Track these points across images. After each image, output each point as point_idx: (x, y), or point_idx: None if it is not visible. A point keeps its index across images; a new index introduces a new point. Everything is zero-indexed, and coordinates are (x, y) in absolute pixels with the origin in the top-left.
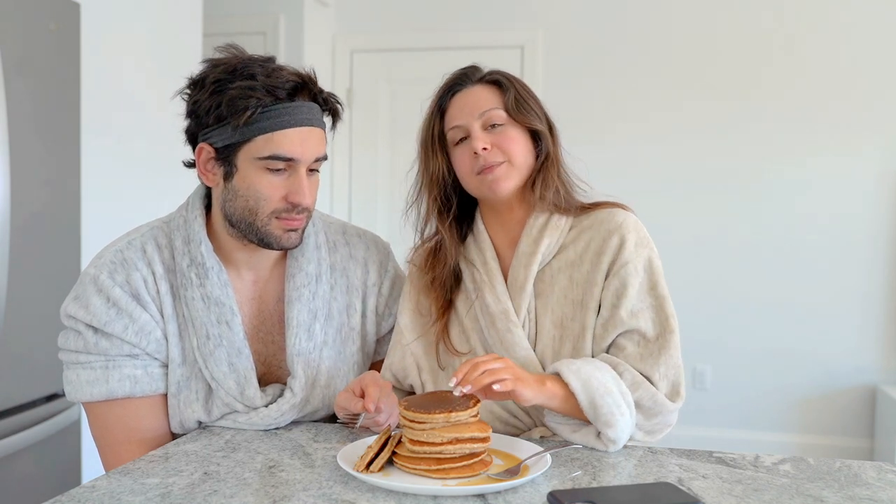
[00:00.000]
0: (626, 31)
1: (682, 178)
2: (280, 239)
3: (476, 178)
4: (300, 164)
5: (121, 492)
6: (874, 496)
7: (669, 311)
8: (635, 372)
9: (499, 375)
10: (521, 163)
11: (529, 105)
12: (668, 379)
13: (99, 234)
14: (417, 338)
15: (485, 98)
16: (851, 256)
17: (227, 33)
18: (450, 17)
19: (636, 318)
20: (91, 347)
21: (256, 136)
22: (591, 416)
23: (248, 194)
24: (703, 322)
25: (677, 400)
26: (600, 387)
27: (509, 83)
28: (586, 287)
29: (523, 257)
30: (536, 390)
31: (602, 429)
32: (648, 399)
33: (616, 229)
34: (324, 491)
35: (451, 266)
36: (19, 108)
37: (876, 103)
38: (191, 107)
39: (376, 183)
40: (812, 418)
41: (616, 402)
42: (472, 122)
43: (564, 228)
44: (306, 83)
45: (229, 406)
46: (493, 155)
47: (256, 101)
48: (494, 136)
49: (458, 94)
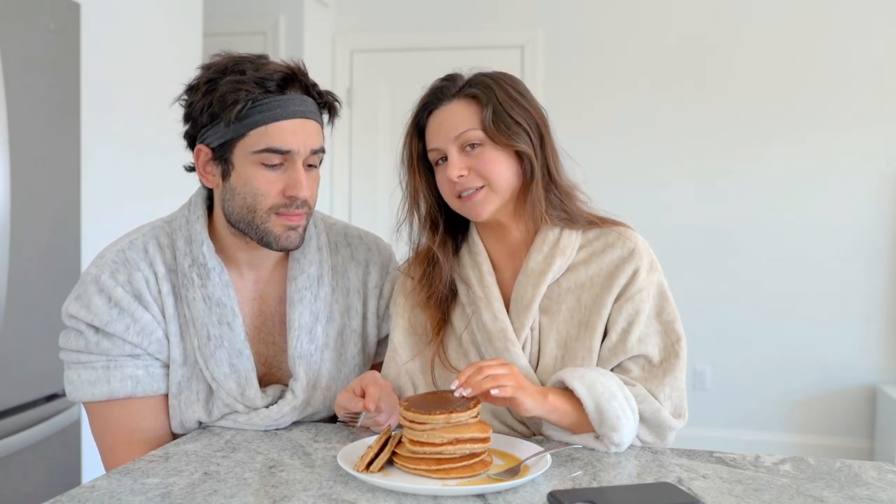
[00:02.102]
0: (627, 32)
1: (683, 178)
2: (280, 238)
3: (457, 202)
4: (296, 156)
5: (121, 492)
6: (874, 496)
7: (676, 335)
8: (641, 387)
9: (500, 381)
10: (504, 186)
11: (512, 119)
12: (672, 401)
13: (99, 234)
14: (412, 356)
15: (461, 117)
16: (852, 256)
17: (227, 33)
18: (450, 17)
19: (643, 344)
20: (92, 347)
21: (250, 131)
22: (596, 422)
23: (246, 191)
24: (704, 322)
25: (680, 420)
26: (605, 391)
27: (489, 96)
28: (594, 309)
29: (532, 275)
30: (538, 401)
31: (608, 433)
32: (651, 413)
33: (630, 255)
34: (324, 491)
35: (446, 282)
36: (19, 108)
37: (879, 104)
38: (187, 110)
39: (376, 183)
40: (812, 418)
41: (621, 406)
42: (449, 146)
43: (574, 247)
44: (296, 74)
45: (230, 407)
46: (470, 180)
47: (246, 94)
48: (472, 159)
49: (434, 113)
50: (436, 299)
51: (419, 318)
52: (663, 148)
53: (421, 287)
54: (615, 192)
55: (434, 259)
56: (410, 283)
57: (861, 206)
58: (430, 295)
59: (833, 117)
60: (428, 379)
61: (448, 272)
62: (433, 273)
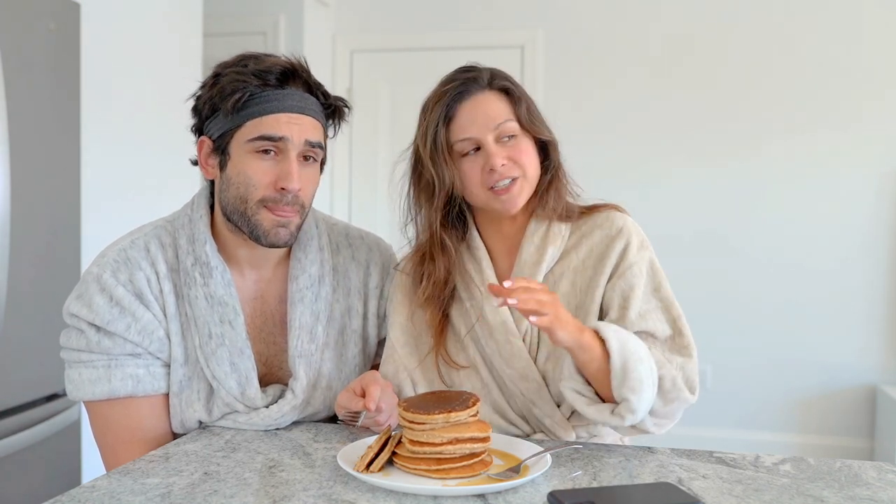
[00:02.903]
0: (627, 31)
1: (683, 178)
2: (268, 234)
3: (487, 192)
4: (290, 144)
5: (121, 492)
6: (874, 496)
7: (676, 311)
8: (659, 353)
9: (543, 308)
10: (533, 175)
11: (537, 114)
12: (685, 373)
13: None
14: (410, 354)
15: (497, 108)
16: (852, 256)
17: (227, 33)
18: (450, 17)
19: (645, 320)
20: (93, 346)
21: (246, 122)
22: (618, 380)
23: (239, 181)
24: (703, 322)
25: (693, 393)
26: (636, 353)
27: (518, 90)
28: (587, 291)
29: (527, 267)
30: (573, 335)
31: (627, 395)
32: (669, 381)
33: (618, 233)
34: (324, 491)
35: (445, 278)
36: (19, 108)
37: (879, 103)
38: (193, 103)
39: (376, 183)
40: (812, 418)
41: (647, 371)
42: (486, 135)
43: (565, 235)
44: (296, 69)
45: (230, 406)
46: (509, 169)
47: (245, 86)
48: (508, 149)
49: (466, 102)
50: (435, 296)
51: (418, 315)
52: (663, 148)
53: (420, 285)
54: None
55: (432, 256)
56: (408, 281)
57: (861, 206)
58: (430, 292)
59: (833, 116)
60: (428, 376)
61: (448, 267)
62: (432, 270)
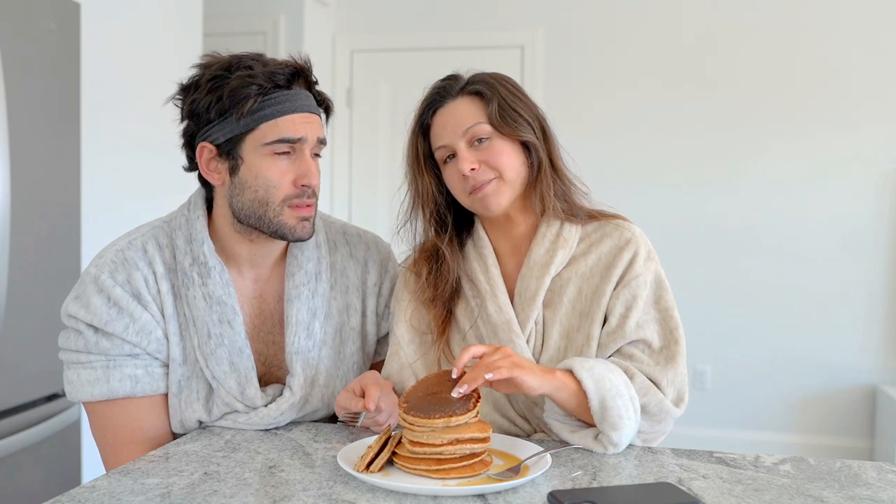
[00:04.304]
0: (627, 31)
1: (682, 178)
2: (294, 230)
3: (469, 198)
4: (305, 144)
5: (121, 492)
6: (874, 496)
7: (674, 322)
8: (644, 377)
9: (494, 366)
10: (513, 176)
11: (517, 112)
12: (675, 386)
13: (99, 234)
14: (415, 351)
15: (467, 112)
16: (852, 256)
17: (227, 33)
18: (450, 17)
19: (641, 330)
20: (92, 347)
21: (260, 124)
22: (597, 417)
23: (258, 184)
24: (703, 322)
25: (681, 406)
26: (612, 388)
27: (492, 91)
28: (594, 298)
29: (536, 268)
30: (543, 379)
31: (607, 431)
32: (655, 405)
33: (627, 244)
34: (324, 491)
35: (452, 279)
36: (19, 108)
37: (881, 103)
38: (188, 108)
39: (376, 183)
40: (812, 418)
41: (625, 406)
42: (457, 141)
43: (575, 239)
44: (303, 70)
45: (229, 406)
46: (482, 173)
47: (257, 89)
48: (481, 153)
49: (439, 111)
50: (441, 296)
51: (422, 314)
52: (663, 148)
53: (427, 284)
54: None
55: (440, 256)
56: (414, 279)
57: (862, 206)
58: (436, 292)
59: (835, 117)
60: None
61: (455, 270)
62: (439, 270)
